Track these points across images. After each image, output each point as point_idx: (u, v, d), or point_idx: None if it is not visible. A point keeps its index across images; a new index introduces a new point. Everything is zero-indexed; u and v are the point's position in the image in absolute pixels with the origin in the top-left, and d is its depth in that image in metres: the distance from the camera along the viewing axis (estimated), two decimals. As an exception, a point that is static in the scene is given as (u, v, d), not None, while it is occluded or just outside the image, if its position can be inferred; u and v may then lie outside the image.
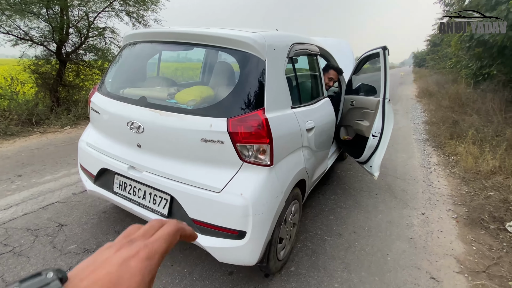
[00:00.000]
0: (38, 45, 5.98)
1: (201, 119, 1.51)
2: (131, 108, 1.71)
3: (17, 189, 2.88)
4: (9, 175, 3.18)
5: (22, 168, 3.38)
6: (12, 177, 3.13)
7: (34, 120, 5.45)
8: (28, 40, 5.81)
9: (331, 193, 3.13)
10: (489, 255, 2.24)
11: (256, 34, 1.62)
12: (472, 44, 6.72)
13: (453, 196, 3.20)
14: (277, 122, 1.58)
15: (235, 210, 1.47)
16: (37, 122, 5.51)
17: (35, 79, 6.21)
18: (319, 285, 1.88)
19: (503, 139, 4.50)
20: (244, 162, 1.51)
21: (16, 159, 3.68)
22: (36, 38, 5.95)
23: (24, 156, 3.82)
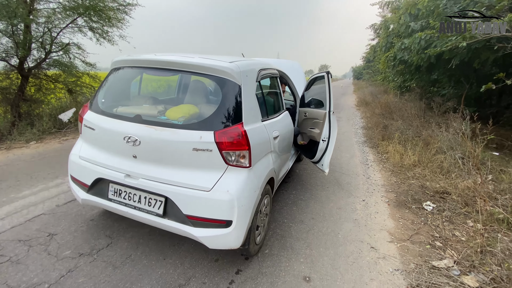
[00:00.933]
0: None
1: (192, 133, 1.76)
2: (128, 124, 1.88)
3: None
4: (-18, 192, 2.99)
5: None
6: (-14, 194, 2.96)
7: (-6, 136, 5.03)
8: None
9: (292, 189, 3.52)
10: (412, 227, 2.80)
11: (233, 64, 1.92)
12: (396, 63, 7.82)
13: (385, 185, 3.81)
14: (253, 132, 1.89)
15: (223, 204, 1.73)
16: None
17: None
18: (288, 262, 2.20)
19: (420, 139, 5.39)
20: (229, 165, 1.79)
21: (-16, 176, 3.44)
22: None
23: (-7, 172, 3.57)
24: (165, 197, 1.85)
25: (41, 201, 2.86)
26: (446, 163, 4.09)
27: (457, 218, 2.88)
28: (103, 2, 6.18)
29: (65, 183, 3.29)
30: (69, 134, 5.72)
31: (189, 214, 1.79)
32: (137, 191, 1.94)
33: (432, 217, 2.95)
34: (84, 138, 2.21)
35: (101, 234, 2.38)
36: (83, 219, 2.58)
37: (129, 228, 2.48)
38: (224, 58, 2.10)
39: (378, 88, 16.15)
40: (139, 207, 1.93)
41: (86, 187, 2.13)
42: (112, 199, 2.02)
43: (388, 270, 2.17)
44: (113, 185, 2.02)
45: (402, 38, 6.97)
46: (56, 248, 2.18)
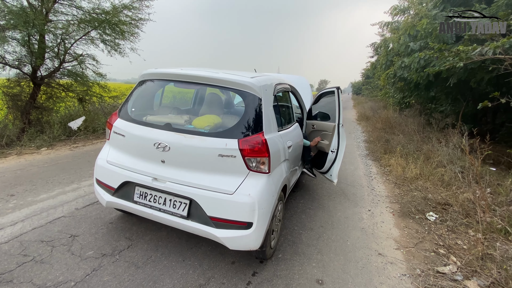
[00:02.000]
0: (13, 68, 5.76)
1: (218, 140, 1.93)
2: (158, 131, 2.06)
3: (16, 207, 2.87)
4: (1, 195, 3.11)
5: (12, 188, 3.31)
6: (5, 197, 3.08)
7: (4, 142, 5.16)
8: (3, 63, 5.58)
9: (300, 198, 3.67)
10: (416, 236, 2.93)
11: (254, 79, 2.13)
12: (396, 80, 8.15)
13: (389, 197, 3.97)
14: (272, 141, 2.07)
15: (245, 206, 1.88)
16: (7, 144, 5.22)
17: (6, 101, 5.89)
18: (301, 266, 2.32)
19: (421, 153, 5.59)
20: (250, 171, 1.95)
21: (0, 179, 3.56)
22: (11, 61, 5.74)
23: (8, 177, 3.70)
24: (190, 200, 1.99)
25: (60, 204, 2.98)
26: (447, 176, 4.27)
27: (459, 228, 3.03)
28: (117, 16, 6.50)
29: (81, 188, 3.42)
30: (79, 142, 5.87)
31: (213, 216, 1.93)
32: (162, 194, 2.09)
33: (435, 226, 3.10)
34: (112, 144, 2.37)
35: (121, 236, 2.50)
36: (102, 222, 2.70)
37: (147, 231, 2.60)
38: (244, 74, 2.31)
39: (377, 104, 16.55)
40: (164, 209, 2.07)
41: (112, 190, 2.27)
42: (138, 202, 2.16)
43: (396, 274, 2.30)
44: (139, 188, 2.16)
45: (401, 56, 7.32)
46: (79, 248, 2.29)
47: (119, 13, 6.69)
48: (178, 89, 4.19)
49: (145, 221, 2.73)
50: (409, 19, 7.55)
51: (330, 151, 3.32)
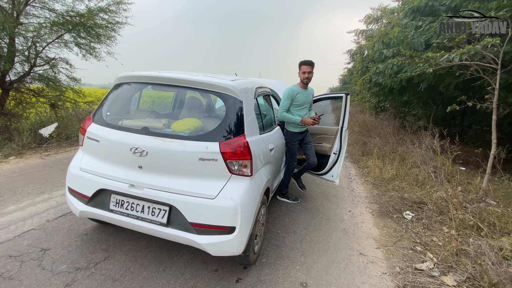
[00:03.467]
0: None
1: (199, 143, 1.88)
2: (135, 136, 1.97)
3: (-22, 221, 2.62)
4: (-39, 209, 2.84)
5: (-26, 201, 3.04)
6: (-34, 210, 2.81)
7: (-32, 151, 4.76)
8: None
9: (283, 202, 3.65)
10: (395, 235, 3.01)
11: (234, 82, 2.10)
12: (371, 85, 8.45)
13: (368, 197, 4.06)
14: (253, 144, 2.04)
15: (227, 210, 1.83)
16: (-29, 153, 4.82)
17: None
18: (285, 269, 2.29)
19: (397, 154, 5.80)
20: (232, 174, 1.91)
21: (-38, 192, 3.26)
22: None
23: (-29, 188, 3.39)
24: (170, 206, 1.91)
25: (29, 216, 2.77)
26: (421, 176, 4.44)
27: (434, 225, 3.14)
28: (93, 19, 6.27)
29: (53, 198, 3.20)
30: (51, 150, 5.53)
31: (194, 222, 1.86)
32: (140, 201, 1.99)
33: (412, 225, 3.19)
34: (86, 150, 2.23)
35: (97, 248, 2.35)
36: (76, 234, 2.53)
37: (125, 241, 2.47)
38: (224, 77, 2.28)
39: (354, 108, 17.08)
40: (142, 217, 1.97)
41: (85, 199, 2.13)
42: (114, 210, 2.04)
43: (377, 273, 2.33)
44: (115, 195, 2.05)
45: (376, 63, 7.61)
46: (51, 263, 2.12)
47: (94, 16, 6.46)
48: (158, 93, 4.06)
49: (123, 231, 2.59)
50: (382, 27, 7.90)
51: (332, 153, 3.58)
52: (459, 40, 3.89)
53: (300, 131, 3.40)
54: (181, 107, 3.01)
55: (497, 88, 3.97)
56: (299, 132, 3.40)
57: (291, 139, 3.38)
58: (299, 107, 3.30)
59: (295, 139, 3.40)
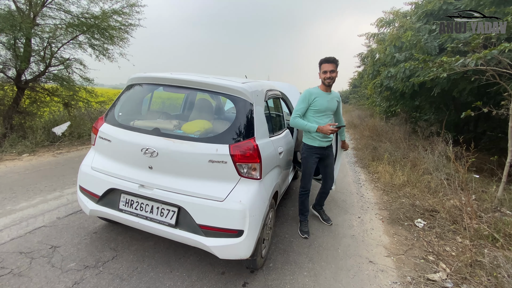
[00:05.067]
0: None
1: (209, 145, 1.88)
2: (146, 137, 1.98)
3: (-8, 216, 2.69)
4: (-24, 204, 2.92)
5: (-11, 196, 3.12)
6: (-19, 206, 2.89)
7: (-16, 147, 4.91)
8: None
9: (291, 205, 3.62)
10: (406, 243, 2.93)
11: (245, 84, 2.10)
12: (382, 89, 8.34)
13: (378, 203, 3.98)
14: (263, 147, 2.03)
15: (236, 213, 1.82)
16: (-13, 150, 4.97)
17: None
18: (292, 275, 2.26)
19: (408, 160, 5.68)
20: (241, 177, 1.90)
21: (-23, 187, 3.35)
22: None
23: (-14, 184, 3.49)
24: (179, 207, 1.92)
25: (41, 213, 2.82)
26: (433, 183, 4.33)
27: (447, 234, 3.05)
28: (107, 21, 6.40)
29: (64, 196, 3.26)
30: (63, 148, 5.65)
31: (202, 224, 1.86)
32: (149, 201, 2.00)
33: (424, 233, 3.11)
34: (97, 149, 2.27)
35: (106, 247, 2.37)
36: (86, 232, 2.56)
37: (133, 241, 2.48)
38: (235, 79, 2.28)
39: (364, 112, 16.89)
40: (151, 218, 1.98)
41: (96, 198, 2.16)
42: (123, 210, 2.06)
43: (387, 282, 2.27)
44: (125, 195, 2.07)
45: (387, 67, 7.51)
46: (60, 260, 2.15)
47: (108, 18, 6.60)
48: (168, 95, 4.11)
49: (131, 230, 2.61)
50: (394, 31, 7.80)
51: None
52: (475, 45, 3.80)
53: (320, 145, 2.76)
54: (191, 108, 3.02)
55: (513, 94, 3.85)
56: (319, 147, 2.77)
57: (308, 155, 2.81)
58: (319, 114, 2.70)
59: (313, 156, 2.80)
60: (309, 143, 2.80)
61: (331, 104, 2.75)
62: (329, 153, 2.90)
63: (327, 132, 2.56)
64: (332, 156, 2.96)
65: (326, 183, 3.01)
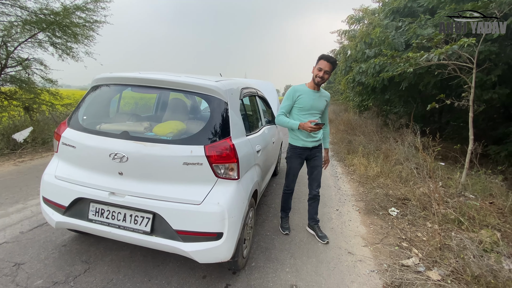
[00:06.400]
0: None
1: (183, 147, 1.80)
2: (114, 141, 1.86)
3: None
4: None
5: None
6: None
7: None
8: None
9: (271, 203, 3.62)
10: (381, 232, 3.04)
11: (219, 82, 2.04)
12: (355, 85, 8.60)
13: (354, 195, 4.10)
14: (240, 146, 1.99)
15: (214, 216, 1.77)
16: None
17: None
18: (275, 272, 2.26)
19: (380, 152, 5.92)
20: (218, 178, 1.85)
21: None
22: None
23: None
24: (153, 213, 1.83)
25: (2, 228, 2.58)
26: (404, 173, 4.55)
27: (418, 221, 3.21)
28: (69, 18, 5.99)
29: (27, 208, 3.01)
30: (26, 155, 5.23)
31: (179, 229, 1.78)
32: (122, 209, 1.89)
33: (397, 221, 3.25)
34: (61, 157, 2.10)
35: (77, 260, 2.21)
36: (53, 246, 2.38)
37: (107, 251, 2.35)
38: (208, 77, 2.21)
39: (339, 107, 17.39)
40: (124, 226, 1.87)
41: (62, 209, 2.00)
42: (93, 220, 1.93)
43: (365, 271, 2.34)
44: (94, 204, 1.94)
45: (359, 62, 7.75)
46: (26, 278, 1.98)
47: (70, 15, 6.17)
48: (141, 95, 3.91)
49: (105, 240, 2.46)
50: (364, 28, 8.05)
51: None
52: (437, 40, 4.01)
53: (304, 146, 2.64)
54: (164, 109, 2.90)
55: (473, 87, 4.12)
56: (303, 147, 2.66)
57: (292, 156, 2.71)
58: (304, 113, 2.58)
59: (297, 157, 2.69)
60: (293, 143, 2.70)
61: (318, 103, 2.61)
62: (316, 154, 2.75)
63: (307, 129, 2.43)
64: (320, 158, 2.78)
65: (311, 186, 2.84)
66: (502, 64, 5.23)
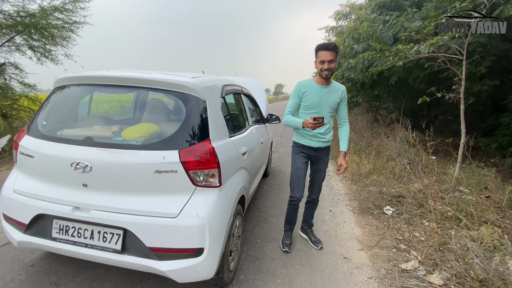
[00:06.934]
0: None
1: (154, 153, 1.56)
2: (76, 148, 1.61)
3: None
4: None
5: None
6: None
7: None
8: None
9: (262, 206, 3.41)
10: (377, 233, 2.86)
11: (196, 79, 1.81)
12: (344, 81, 8.45)
13: (347, 194, 3.92)
14: (221, 149, 1.77)
15: (193, 230, 1.54)
16: None
17: None
18: (265, 285, 2.04)
19: (372, 148, 5.78)
20: (197, 187, 1.62)
21: None
22: None
23: None
24: (124, 230, 1.59)
25: (-39, 249, 2.29)
26: (397, 169, 4.40)
27: (414, 219, 3.04)
28: (46, 19, 5.64)
29: (-6, 224, 2.71)
30: (3, 165, 4.88)
31: (153, 246, 1.55)
32: (88, 225, 1.65)
33: (393, 220, 3.08)
34: (20, 168, 1.84)
35: (45, 282, 1.95)
36: (21, 266, 2.11)
37: (79, 270, 2.09)
38: (185, 74, 1.97)
39: (329, 104, 17.31)
40: (92, 244, 1.63)
41: (23, 227, 1.74)
42: (57, 238, 1.68)
43: (363, 279, 2.14)
44: (57, 221, 1.68)
45: (347, 58, 7.60)
46: (-20, 308, 1.71)
47: (48, 16, 5.82)
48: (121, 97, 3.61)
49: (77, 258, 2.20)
50: (351, 23, 7.91)
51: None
52: (427, 32, 3.86)
53: (309, 145, 2.34)
54: (142, 110, 2.63)
55: (463, 79, 3.99)
56: (308, 146, 2.35)
57: (295, 153, 2.42)
58: (311, 111, 2.24)
59: (300, 154, 2.38)
60: (297, 140, 2.42)
61: (328, 99, 2.23)
62: (321, 157, 2.42)
63: (309, 126, 2.05)
64: (324, 162, 2.47)
65: (311, 189, 2.55)
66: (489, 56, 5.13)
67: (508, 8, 3.89)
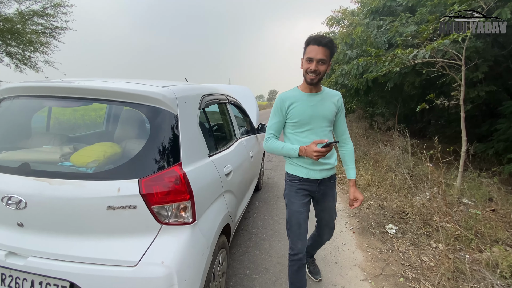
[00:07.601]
0: None
1: (106, 184, 1.21)
2: (8, 178, 1.25)
3: None
4: None
5: None
6: None
7: None
8: None
9: (253, 227, 3.05)
10: (381, 257, 2.53)
11: (166, 88, 1.47)
12: (338, 87, 8.22)
13: (346, 210, 3.60)
14: (196, 174, 1.42)
15: (157, 283, 1.18)
16: None
17: None
18: (254, 332, 1.69)
19: (370, 157, 5.49)
20: (163, 225, 1.27)
21: None
22: None
23: None
24: (70, 283, 1.22)
25: None
26: (397, 180, 4.10)
27: (420, 239, 2.73)
28: (23, 24, 5.26)
29: None
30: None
31: (107, 304, 1.19)
32: (27, 274, 1.27)
33: (397, 241, 2.75)
34: None
35: None
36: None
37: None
38: (154, 83, 1.63)
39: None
40: (31, 300, 1.26)
41: None
42: (-12, 291, 1.30)
43: (370, 321, 1.80)
44: (-12, 269, 1.31)
45: (341, 64, 7.38)
46: None
47: (26, 21, 5.44)
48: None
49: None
50: (344, 29, 7.72)
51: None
52: (426, 35, 3.62)
53: (310, 177, 1.67)
54: (114, 124, 2.27)
55: (463, 84, 3.77)
56: (308, 179, 1.68)
57: (291, 192, 1.72)
58: (302, 130, 1.64)
59: (299, 193, 1.71)
60: (292, 171, 1.71)
61: (322, 109, 1.63)
62: (327, 191, 1.78)
63: (311, 155, 1.48)
64: (333, 194, 1.85)
65: (322, 232, 2.00)
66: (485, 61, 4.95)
67: (505, 11, 3.69)
